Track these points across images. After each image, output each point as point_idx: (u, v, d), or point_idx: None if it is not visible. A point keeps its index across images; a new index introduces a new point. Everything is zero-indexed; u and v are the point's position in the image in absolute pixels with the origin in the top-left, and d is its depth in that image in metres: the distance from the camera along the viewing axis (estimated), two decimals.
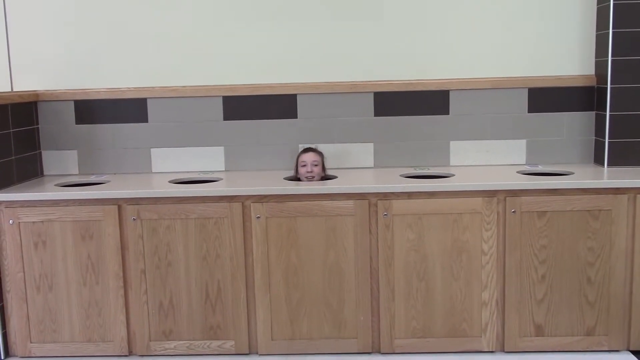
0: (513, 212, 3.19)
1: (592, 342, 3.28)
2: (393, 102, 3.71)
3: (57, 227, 3.29)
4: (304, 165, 3.53)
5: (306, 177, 3.51)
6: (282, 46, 3.74)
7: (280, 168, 3.72)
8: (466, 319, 3.29)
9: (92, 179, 3.67)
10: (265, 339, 3.33)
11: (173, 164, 3.80)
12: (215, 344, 3.35)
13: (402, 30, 3.71)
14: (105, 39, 3.76)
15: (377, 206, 3.22)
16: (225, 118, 3.76)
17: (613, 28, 3.43)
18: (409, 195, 3.22)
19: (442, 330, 3.30)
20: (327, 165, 3.62)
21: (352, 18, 3.70)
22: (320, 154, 3.59)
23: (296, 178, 3.58)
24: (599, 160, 3.63)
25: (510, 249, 3.23)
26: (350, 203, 3.22)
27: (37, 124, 3.78)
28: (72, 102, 3.77)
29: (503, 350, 3.31)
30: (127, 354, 3.38)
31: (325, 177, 3.59)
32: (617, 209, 3.18)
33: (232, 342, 3.35)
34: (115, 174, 3.79)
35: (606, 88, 3.50)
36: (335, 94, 3.71)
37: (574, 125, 3.70)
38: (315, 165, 3.52)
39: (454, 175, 3.49)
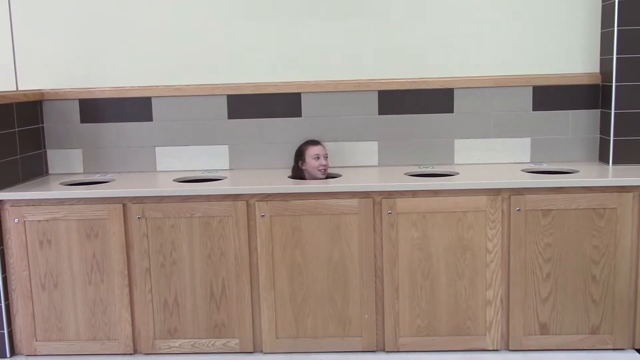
0: (518, 210, 3.19)
1: (597, 340, 3.28)
2: (397, 101, 3.71)
3: (62, 226, 3.30)
4: (318, 158, 3.50)
5: (319, 170, 3.49)
6: (287, 45, 3.74)
7: (284, 167, 3.72)
8: (471, 317, 3.29)
9: (97, 177, 3.68)
10: (269, 337, 3.34)
11: (177, 163, 3.80)
12: (219, 342, 3.36)
13: (407, 29, 3.70)
14: (110, 38, 3.77)
15: (381, 204, 3.22)
16: (230, 117, 3.76)
17: (618, 26, 3.42)
18: (414, 193, 3.22)
19: (447, 329, 3.30)
20: (331, 163, 3.62)
21: (357, 17, 3.70)
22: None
23: (299, 171, 3.56)
24: (603, 158, 3.62)
25: (514, 247, 3.22)
26: (354, 201, 3.22)
27: (42, 122, 3.79)
28: (77, 101, 3.78)
29: (508, 348, 3.31)
30: (132, 352, 3.39)
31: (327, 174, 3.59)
32: (622, 207, 3.17)
33: (237, 341, 3.35)
34: (120, 172, 3.80)
35: (611, 86, 3.49)
36: (340, 93, 3.71)
37: (578, 123, 3.69)
38: (326, 157, 3.52)
39: (458, 173, 3.49)
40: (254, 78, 3.75)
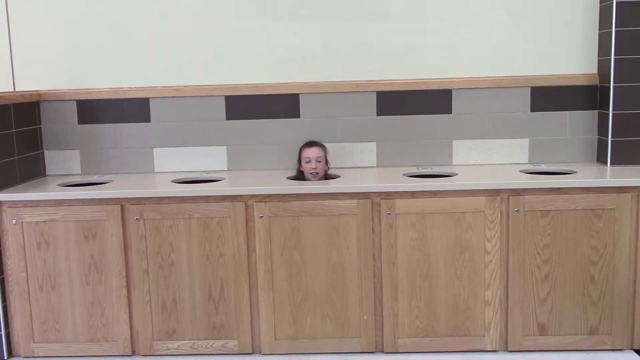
0: (516, 211, 3.19)
1: (596, 341, 3.28)
2: (396, 102, 3.71)
3: (60, 227, 3.29)
4: (309, 162, 3.51)
5: (310, 174, 3.50)
6: (285, 45, 3.73)
7: (282, 167, 3.72)
8: (469, 318, 3.28)
9: (95, 178, 3.67)
10: (268, 339, 3.33)
11: (175, 164, 3.79)
12: (218, 343, 3.35)
13: (405, 30, 3.70)
14: (108, 39, 3.76)
15: (380, 205, 3.22)
16: (228, 117, 3.76)
17: (616, 27, 3.42)
18: (412, 194, 3.22)
19: (446, 330, 3.30)
20: (330, 165, 3.62)
21: (355, 17, 3.70)
22: (324, 147, 3.58)
23: (299, 172, 3.57)
24: (601, 159, 3.63)
25: (513, 247, 3.22)
26: (353, 202, 3.22)
27: (40, 123, 3.78)
28: (75, 102, 3.77)
29: (506, 349, 3.31)
30: (130, 354, 3.38)
31: (328, 175, 3.58)
32: (620, 208, 3.17)
33: (235, 342, 3.35)
34: (117, 173, 3.79)
35: (609, 87, 3.50)
36: (338, 94, 3.71)
37: (576, 124, 3.69)
38: (319, 161, 3.51)
39: (456, 174, 3.49)
40: (252, 79, 3.74)
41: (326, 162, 3.57)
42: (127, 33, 3.76)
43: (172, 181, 3.53)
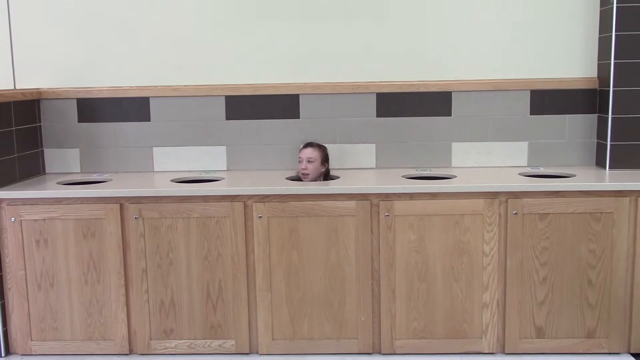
0: (515, 213, 3.19)
1: (593, 344, 3.28)
2: (395, 103, 3.71)
3: (59, 225, 3.29)
4: (300, 162, 3.52)
5: (301, 174, 3.51)
6: (285, 46, 3.74)
7: (282, 168, 3.73)
8: (467, 320, 3.29)
9: (94, 177, 3.67)
10: (266, 339, 3.34)
11: (175, 163, 3.80)
12: (216, 343, 3.36)
13: (405, 31, 3.71)
14: (108, 38, 3.77)
15: (378, 207, 3.22)
16: (228, 117, 3.76)
17: (616, 31, 3.43)
18: (411, 196, 3.22)
19: (443, 332, 3.30)
20: (329, 166, 3.61)
21: (355, 18, 3.70)
22: (320, 149, 3.57)
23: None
24: (600, 163, 3.63)
25: (511, 250, 3.23)
26: (352, 203, 3.23)
27: (40, 122, 3.78)
28: (75, 101, 3.77)
29: (503, 352, 3.31)
30: (128, 353, 3.39)
31: (328, 175, 3.58)
32: (618, 212, 3.18)
33: (233, 342, 3.35)
34: (117, 172, 3.79)
35: (608, 91, 3.50)
36: (338, 95, 3.72)
37: (576, 127, 3.70)
38: (310, 162, 3.50)
39: (455, 176, 3.49)
40: (252, 79, 3.75)
41: (323, 163, 3.56)
42: (127, 32, 3.76)
43: (172, 180, 3.54)
